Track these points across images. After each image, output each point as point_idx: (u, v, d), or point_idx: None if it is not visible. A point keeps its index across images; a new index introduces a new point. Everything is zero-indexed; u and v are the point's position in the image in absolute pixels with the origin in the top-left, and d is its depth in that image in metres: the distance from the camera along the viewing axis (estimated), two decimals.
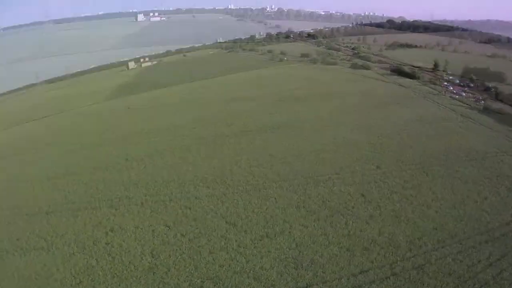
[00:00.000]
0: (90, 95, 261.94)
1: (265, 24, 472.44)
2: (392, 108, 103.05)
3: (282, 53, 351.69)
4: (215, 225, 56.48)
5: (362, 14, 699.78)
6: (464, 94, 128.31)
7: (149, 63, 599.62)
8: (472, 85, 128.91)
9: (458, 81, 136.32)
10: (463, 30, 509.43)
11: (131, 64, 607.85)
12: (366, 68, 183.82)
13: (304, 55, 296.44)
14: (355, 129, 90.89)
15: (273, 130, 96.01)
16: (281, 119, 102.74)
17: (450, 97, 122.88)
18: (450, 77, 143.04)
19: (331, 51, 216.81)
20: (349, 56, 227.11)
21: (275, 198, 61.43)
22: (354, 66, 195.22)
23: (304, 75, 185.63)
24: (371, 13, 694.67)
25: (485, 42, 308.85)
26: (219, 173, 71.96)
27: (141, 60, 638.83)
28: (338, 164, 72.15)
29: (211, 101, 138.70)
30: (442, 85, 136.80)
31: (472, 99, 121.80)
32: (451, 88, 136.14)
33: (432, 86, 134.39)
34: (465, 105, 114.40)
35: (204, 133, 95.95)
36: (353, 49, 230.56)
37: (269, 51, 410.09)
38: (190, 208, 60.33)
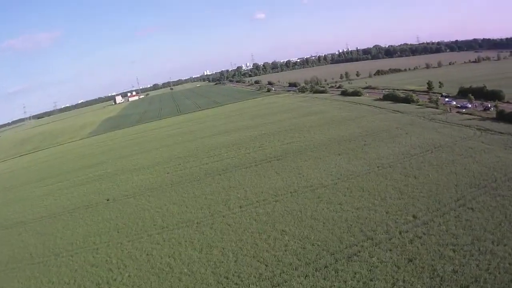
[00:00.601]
0: (76, 130, 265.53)
1: (243, 83, 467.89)
2: (401, 138, 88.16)
3: (270, 83, 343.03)
4: None
5: (338, 52, 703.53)
6: (469, 105, 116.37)
7: (136, 97, 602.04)
8: (470, 105, 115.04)
9: (454, 103, 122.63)
10: (451, 50, 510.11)
11: (119, 99, 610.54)
12: (357, 94, 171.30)
13: (292, 84, 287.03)
14: (371, 170, 72.21)
15: (257, 165, 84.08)
16: (271, 151, 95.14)
17: (457, 112, 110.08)
18: (447, 99, 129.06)
19: (317, 94, 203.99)
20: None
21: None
22: (345, 93, 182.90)
23: (295, 104, 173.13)
24: (347, 49, 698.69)
25: (474, 62, 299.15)
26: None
27: (129, 94, 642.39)
28: (363, 220, 50.78)
29: (194, 136, 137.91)
30: (444, 103, 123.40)
31: (480, 109, 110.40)
32: (454, 102, 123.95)
33: (433, 106, 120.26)
34: (476, 117, 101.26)
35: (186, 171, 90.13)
36: (338, 87, 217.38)
37: (256, 82, 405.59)
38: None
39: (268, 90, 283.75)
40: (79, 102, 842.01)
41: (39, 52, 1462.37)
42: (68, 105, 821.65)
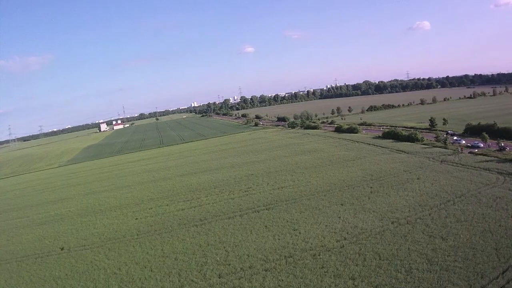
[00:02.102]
0: (55, 157, 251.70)
1: (231, 116, 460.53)
2: (413, 184, 74.75)
3: (257, 117, 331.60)
4: None
5: (327, 86, 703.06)
6: (482, 145, 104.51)
7: (121, 126, 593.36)
8: (482, 145, 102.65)
9: (464, 142, 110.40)
10: (442, 86, 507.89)
11: (103, 126, 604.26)
12: (354, 131, 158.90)
13: (281, 119, 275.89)
14: (385, 227, 56.79)
15: (242, 215, 69.06)
16: (259, 197, 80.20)
17: (469, 153, 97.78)
18: (455, 138, 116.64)
19: (309, 130, 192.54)
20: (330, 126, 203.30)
21: None
22: (339, 130, 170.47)
23: (285, 141, 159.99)
24: (335, 84, 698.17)
25: (469, 97, 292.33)
26: None
27: (114, 122, 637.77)
28: None
29: (172, 173, 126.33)
30: (452, 142, 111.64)
31: (495, 149, 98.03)
32: (463, 141, 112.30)
33: (441, 145, 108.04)
34: (492, 158, 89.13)
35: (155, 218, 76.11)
36: (331, 123, 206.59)
37: (244, 115, 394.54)
38: None
39: (256, 124, 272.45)
40: (66, 127, 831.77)
41: (28, 75, 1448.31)
42: (54, 129, 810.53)
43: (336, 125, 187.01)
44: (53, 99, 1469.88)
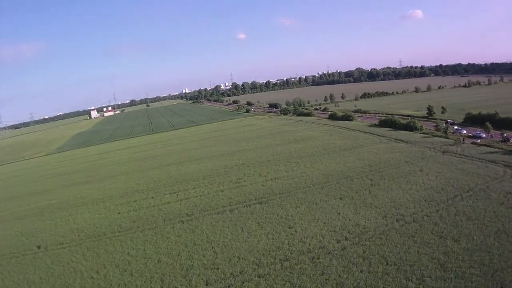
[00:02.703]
0: (44, 145, 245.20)
1: (222, 102, 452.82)
2: (416, 177, 69.79)
3: (249, 103, 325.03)
4: None
5: (318, 74, 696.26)
6: (484, 135, 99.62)
7: (111, 113, 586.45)
8: (484, 135, 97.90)
9: (465, 132, 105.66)
10: (436, 74, 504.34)
11: (94, 113, 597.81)
12: (349, 119, 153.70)
13: (272, 105, 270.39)
14: (390, 225, 50.80)
15: (233, 209, 63.06)
16: (251, 189, 73.73)
17: (472, 143, 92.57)
18: (455, 127, 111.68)
19: (302, 117, 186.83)
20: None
21: None
22: (333, 117, 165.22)
23: (278, 128, 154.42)
24: (327, 71, 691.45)
25: (464, 86, 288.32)
26: None
27: (104, 109, 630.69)
28: None
29: (160, 162, 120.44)
30: (453, 131, 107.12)
31: (498, 139, 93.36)
32: (465, 131, 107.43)
33: (441, 135, 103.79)
34: (497, 149, 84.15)
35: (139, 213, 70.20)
36: (324, 110, 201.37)
37: (235, 102, 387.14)
38: None
39: (247, 111, 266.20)
40: (57, 114, 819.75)
41: (21, 63, 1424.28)
42: (46, 117, 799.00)
43: (330, 112, 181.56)
44: (45, 86, 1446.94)
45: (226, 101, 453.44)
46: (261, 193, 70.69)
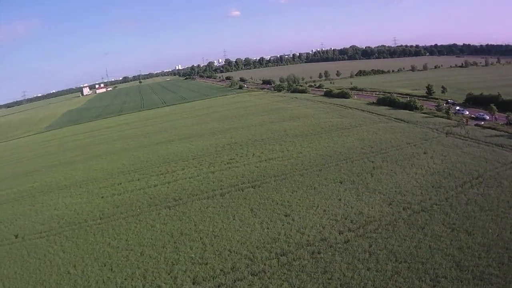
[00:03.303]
0: (34, 123, 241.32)
1: (214, 78, 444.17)
2: (420, 160, 65.21)
3: (242, 79, 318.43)
4: None
5: (312, 51, 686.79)
6: (487, 117, 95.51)
7: (103, 90, 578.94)
8: (488, 117, 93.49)
9: (468, 113, 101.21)
10: (431, 53, 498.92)
11: (86, 90, 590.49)
12: (345, 96, 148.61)
13: (266, 82, 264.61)
14: (396, 215, 45.88)
15: (224, 194, 57.90)
16: (244, 171, 68.33)
17: (476, 125, 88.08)
18: (457, 108, 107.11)
19: (296, 94, 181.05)
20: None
21: None
22: (329, 94, 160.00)
23: (272, 105, 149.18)
24: (321, 48, 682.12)
25: (460, 66, 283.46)
26: None
27: (97, 86, 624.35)
28: None
29: (149, 140, 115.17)
30: (455, 112, 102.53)
31: (503, 123, 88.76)
32: (467, 112, 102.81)
33: (443, 115, 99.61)
34: (503, 132, 79.50)
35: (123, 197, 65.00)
36: (319, 87, 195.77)
37: (228, 78, 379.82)
38: None
39: (240, 87, 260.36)
40: (50, 92, 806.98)
41: (13, 41, 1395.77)
42: (39, 95, 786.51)
43: (325, 89, 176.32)
44: (38, 64, 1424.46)
45: (219, 77, 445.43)
46: (254, 176, 65.81)
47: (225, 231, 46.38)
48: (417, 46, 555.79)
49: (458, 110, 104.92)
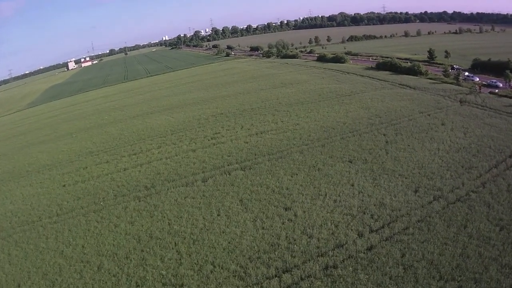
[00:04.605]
0: (16, 101, 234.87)
1: (201, 47, 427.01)
2: (439, 132, 54.97)
3: (229, 47, 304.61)
4: None
5: (300, 18, 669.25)
6: (501, 84, 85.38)
7: (89, 63, 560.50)
8: (501, 84, 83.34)
9: (478, 79, 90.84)
10: (421, 20, 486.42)
11: (71, 65, 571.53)
12: (340, 61, 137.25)
13: (254, 49, 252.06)
14: (427, 206, 35.51)
15: (206, 178, 47.79)
16: (231, 147, 56.31)
17: (489, 93, 78.23)
18: (466, 74, 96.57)
19: (287, 59, 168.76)
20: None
21: None
22: (322, 59, 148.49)
23: (261, 71, 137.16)
24: (309, 15, 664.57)
25: (454, 33, 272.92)
26: None
27: (82, 60, 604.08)
28: None
29: (124, 114, 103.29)
30: (464, 78, 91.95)
31: None
32: (477, 78, 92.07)
33: (452, 81, 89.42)
34: None
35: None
36: (310, 52, 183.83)
37: (214, 46, 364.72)
38: None
39: (227, 55, 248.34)
40: (37, 69, 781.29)
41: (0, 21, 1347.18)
42: (26, 72, 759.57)
43: (318, 54, 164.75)
44: (24, 42, 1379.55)
45: (206, 46, 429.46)
46: (244, 154, 55.12)
47: (207, 233, 35.81)
48: (406, 13, 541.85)
49: (468, 76, 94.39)
